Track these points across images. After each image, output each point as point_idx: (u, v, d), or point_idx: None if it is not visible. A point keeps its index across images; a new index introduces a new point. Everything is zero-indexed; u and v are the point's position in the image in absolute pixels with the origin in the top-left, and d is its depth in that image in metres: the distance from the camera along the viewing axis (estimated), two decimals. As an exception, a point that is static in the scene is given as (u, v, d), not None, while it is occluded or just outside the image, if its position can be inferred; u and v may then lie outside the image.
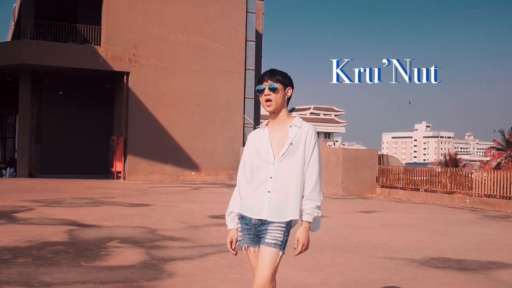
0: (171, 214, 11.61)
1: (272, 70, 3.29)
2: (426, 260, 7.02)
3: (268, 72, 3.27)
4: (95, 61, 23.27)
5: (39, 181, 21.04)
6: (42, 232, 8.45)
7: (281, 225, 3.13)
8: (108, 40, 23.60)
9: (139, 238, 8.17)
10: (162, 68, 24.49)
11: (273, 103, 3.21)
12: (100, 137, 26.06)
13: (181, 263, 6.44)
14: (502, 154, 46.67)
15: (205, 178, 24.99)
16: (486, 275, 6.31)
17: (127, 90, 23.85)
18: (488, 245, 8.58)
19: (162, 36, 24.46)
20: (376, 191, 18.94)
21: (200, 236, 8.57)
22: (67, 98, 26.74)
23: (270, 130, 3.27)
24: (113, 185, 20.54)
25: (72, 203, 13.21)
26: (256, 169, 3.24)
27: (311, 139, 3.20)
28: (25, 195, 14.69)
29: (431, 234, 9.60)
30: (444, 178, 17.10)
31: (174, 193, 17.64)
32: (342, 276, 6.01)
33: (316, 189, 3.18)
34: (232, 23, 25.83)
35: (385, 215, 12.87)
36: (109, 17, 23.75)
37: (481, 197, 15.41)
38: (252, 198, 3.21)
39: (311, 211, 3.15)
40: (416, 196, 17.52)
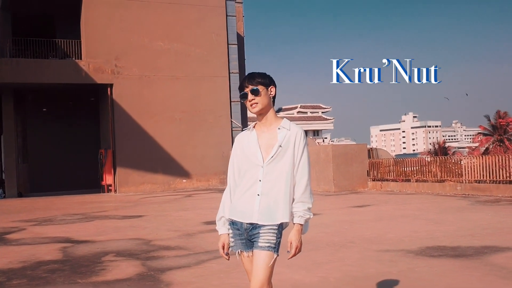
0: (165, 223, 11.56)
1: (250, 74, 3.27)
2: (422, 250, 7.05)
3: (247, 77, 3.25)
4: (77, 75, 23.14)
5: (29, 201, 20.86)
6: (36, 251, 8.36)
7: (273, 228, 3.11)
8: (89, 53, 23.49)
9: (134, 250, 8.12)
10: (146, 78, 24.42)
11: (258, 104, 3.19)
12: (88, 151, 25.94)
13: (178, 272, 6.41)
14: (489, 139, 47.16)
15: (196, 184, 24.93)
16: (482, 260, 6.35)
17: (111, 102, 23.74)
18: (481, 230, 8.64)
19: (143, 45, 24.39)
20: (368, 185, 19.01)
21: (195, 243, 8.53)
22: (52, 114, 26.59)
23: (258, 132, 3.25)
24: (104, 199, 20.42)
25: (64, 220, 13.11)
26: (244, 172, 3.22)
27: (300, 141, 3.19)
28: (16, 216, 14.55)
29: (424, 224, 9.65)
30: (434, 167, 17.22)
31: (167, 202, 17.57)
32: (340, 272, 6.01)
33: (307, 191, 3.17)
34: (213, 28, 25.82)
35: (378, 208, 12.92)
36: (89, 30, 23.63)
37: (471, 183, 15.53)
38: (241, 201, 3.19)
39: (303, 214, 3.14)
40: (407, 187, 17.61)
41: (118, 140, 23.73)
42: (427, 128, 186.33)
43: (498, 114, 47.14)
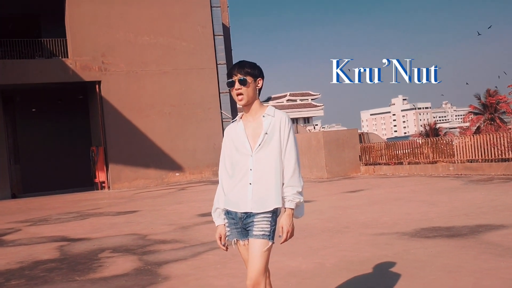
0: (160, 217, 11.57)
1: (240, 62, 3.26)
2: (416, 232, 7.10)
3: (237, 65, 3.24)
4: (64, 73, 23.01)
5: (23, 201, 20.78)
6: (32, 251, 8.36)
7: (266, 216, 3.13)
8: (76, 51, 23.34)
9: (130, 245, 8.13)
10: (133, 73, 24.31)
11: (244, 97, 3.20)
12: (80, 149, 25.87)
13: (175, 265, 6.42)
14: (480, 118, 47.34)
15: (189, 177, 24.93)
16: (476, 238, 6.40)
17: (100, 99, 23.64)
18: (475, 209, 8.70)
19: (129, 41, 24.26)
20: (361, 169, 19.08)
21: (191, 236, 8.55)
22: (41, 114, 26.46)
23: (244, 122, 3.27)
24: (98, 196, 20.39)
25: (59, 219, 13.09)
26: (235, 162, 3.24)
27: (285, 126, 3.20)
28: (11, 217, 14.51)
29: (418, 206, 9.71)
30: (426, 148, 17.30)
31: (160, 196, 17.57)
32: (336, 257, 6.05)
33: (296, 175, 3.18)
34: (198, 20, 25.71)
35: (372, 192, 12.98)
36: (74, 28, 23.46)
37: (463, 163, 15.62)
38: (235, 192, 3.21)
39: (293, 198, 3.16)
40: (400, 170, 17.69)
41: (109, 137, 23.65)
42: (418, 110, 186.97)
43: (488, 92, 47.32)
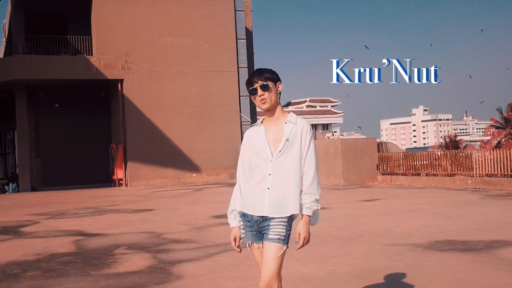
0: (175, 217, 11.66)
1: (259, 69, 3.32)
2: (431, 244, 7.07)
3: (255, 73, 3.30)
4: (88, 71, 23.31)
5: (42, 195, 21.08)
6: (49, 244, 8.50)
7: (282, 220, 3.18)
8: (100, 49, 23.63)
9: (145, 243, 8.22)
10: (155, 73, 24.53)
11: (267, 101, 3.25)
12: (100, 146, 26.12)
13: (188, 265, 6.49)
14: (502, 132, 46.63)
15: (206, 179, 25.04)
16: (491, 254, 6.36)
17: (122, 97, 23.89)
18: (491, 224, 8.63)
19: (153, 41, 24.49)
20: (378, 179, 19.00)
21: (205, 236, 8.62)
22: (64, 109, 26.80)
23: (266, 127, 3.31)
24: (115, 193, 20.59)
25: (76, 213, 13.26)
26: (254, 167, 3.29)
27: (307, 134, 3.26)
28: (30, 209, 14.73)
29: (434, 218, 9.66)
30: (445, 161, 17.15)
31: (177, 196, 17.69)
32: (348, 265, 6.06)
33: (314, 182, 3.24)
34: (222, 23, 25.85)
35: (388, 202, 12.92)
36: (99, 27, 23.77)
37: (482, 177, 15.45)
38: (252, 195, 3.26)
39: (311, 205, 3.21)
40: (417, 181, 17.57)
41: (129, 135, 23.88)
42: (438, 122, 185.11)
43: (510, 106, 46.65)
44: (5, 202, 18.40)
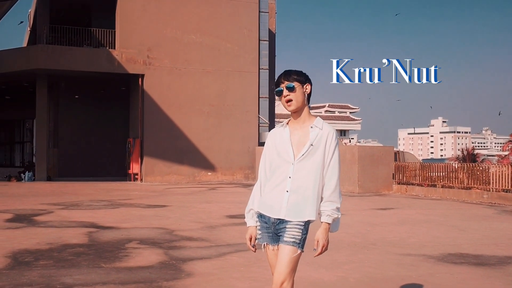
0: (188, 214, 11.70)
1: (287, 71, 3.32)
2: (444, 256, 7.01)
3: (283, 74, 3.30)
4: (110, 64, 23.48)
5: (57, 185, 21.29)
6: (62, 234, 8.58)
7: (299, 224, 3.17)
8: (123, 43, 23.80)
9: (157, 239, 8.26)
10: (177, 70, 24.63)
11: (293, 102, 3.24)
12: (117, 140, 26.30)
13: (199, 263, 6.51)
14: (520, 148, 46.07)
15: (221, 178, 25.08)
16: (504, 270, 6.29)
17: (142, 92, 24.02)
18: (506, 240, 8.54)
19: (175, 38, 24.59)
20: (393, 188, 18.87)
21: (217, 236, 8.63)
22: (83, 101, 27.02)
23: (291, 129, 3.30)
24: (130, 187, 20.72)
25: (90, 205, 13.37)
26: (275, 167, 3.28)
27: (332, 142, 3.23)
28: (44, 199, 14.89)
29: (448, 230, 9.57)
30: (461, 173, 16.98)
31: (191, 194, 17.74)
32: (359, 273, 6.03)
33: (336, 191, 3.23)
34: (245, 23, 25.88)
35: (402, 211, 12.84)
36: (123, 20, 23.93)
37: (498, 192, 15.28)
38: (270, 196, 3.25)
39: (331, 213, 3.19)
40: (433, 192, 17.42)
41: (147, 130, 24.00)
42: (456, 134, 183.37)
43: (531, 123, 46.10)
44: (20, 190, 18.60)
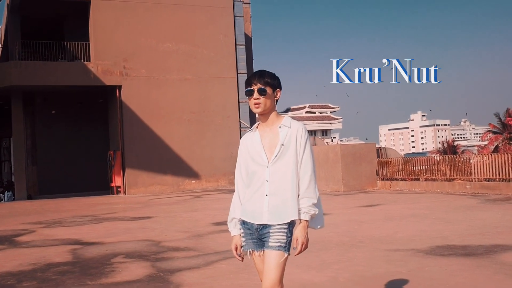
0: (174, 224, 11.58)
1: (261, 71, 3.26)
2: (432, 249, 7.02)
3: (257, 74, 3.23)
4: (86, 77, 23.25)
5: (38, 203, 20.97)
6: (45, 253, 8.41)
7: (282, 227, 3.12)
8: (98, 55, 23.59)
9: (143, 251, 8.14)
10: (154, 79, 24.48)
11: (261, 105, 3.19)
12: (97, 153, 26.03)
13: (188, 273, 6.42)
14: (499, 137, 46.70)
15: (205, 185, 24.96)
16: (492, 258, 6.31)
17: (120, 104, 23.83)
18: (491, 228, 8.59)
19: (151, 47, 24.46)
20: (377, 184, 18.96)
21: (204, 244, 8.54)
22: (61, 116, 26.71)
23: (261, 133, 3.25)
24: (113, 200, 20.50)
25: (73, 222, 13.17)
26: (252, 173, 3.23)
27: (302, 137, 3.19)
28: (26, 218, 14.63)
29: (434, 223, 9.61)
30: (444, 166, 17.13)
31: (176, 203, 17.61)
32: (349, 272, 6.00)
33: (311, 186, 3.16)
34: (221, 29, 25.85)
35: (388, 207, 12.88)
36: (97, 32, 23.74)
37: (481, 182, 15.44)
38: (251, 203, 3.20)
39: (308, 209, 3.14)
40: (417, 186, 17.54)
41: (127, 142, 23.81)
42: (436, 127, 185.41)
43: (508, 112, 46.72)
44: (0, 210, 18.28)
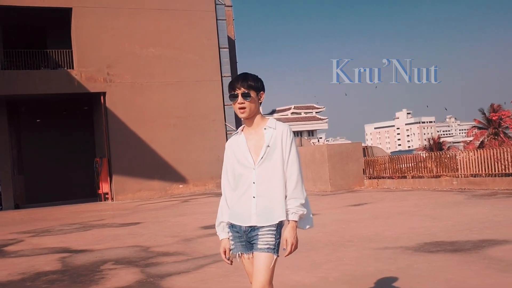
0: (163, 229, 11.55)
1: (244, 75, 3.25)
2: (420, 246, 7.07)
3: (240, 78, 3.23)
4: (69, 84, 23.11)
5: (26, 212, 20.79)
6: (34, 262, 8.35)
7: (271, 229, 3.13)
8: (81, 62, 23.46)
9: (133, 257, 8.11)
10: (138, 85, 24.40)
11: (247, 110, 3.20)
12: (84, 160, 25.89)
13: (178, 278, 6.40)
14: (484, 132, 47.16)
15: (193, 189, 24.91)
16: (480, 253, 6.37)
17: (105, 110, 23.72)
18: (478, 224, 8.66)
19: (134, 53, 24.38)
20: (364, 183, 19.04)
21: (194, 248, 8.53)
22: (46, 124, 26.54)
23: (246, 135, 3.26)
24: (101, 207, 20.39)
25: (62, 230, 13.07)
26: (238, 176, 3.23)
27: (287, 138, 3.20)
28: (14, 227, 14.50)
29: (422, 220, 9.67)
30: (430, 162, 17.25)
31: (164, 208, 17.55)
32: (339, 271, 6.02)
33: (298, 187, 3.18)
34: (204, 32, 25.84)
35: (375, 206, 12.94)
36: (79, 39, 23.61)
37: (467, 178, 15.56)
38: (238, 205, 3.21)
39: (296, 210, 3.15)
40: (404, 183, 17.64)
41: (113, 148, 23.69)
42: (422, 124, 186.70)
43: (492, 107, 47.21)
44: (-12, 220, 18.09)
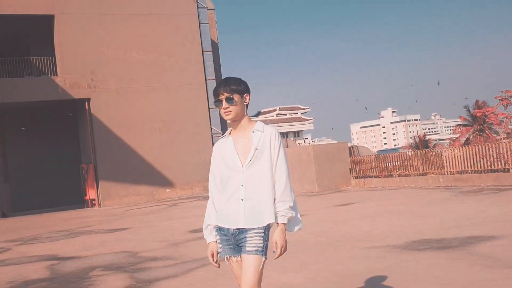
0: (151, 234, 11.50)
1: (226, 80, 3.26)
2: (408, 244, 7.11)
3: (222, 83, 3.24)
4: (53, 91, 22.96)
5: (13, 220, 20.59)
6: (22, 271, 8.27)
7: (259, 231, 3.14)
8: (64, 69, 23.31)
9: (121, 263, 8.07)
10: (123, 90, 24.30)
11: (232, 113, 3.21)
12: (70, 167, 25.73)
13: (167, 282, 6.38)
14: (470, 129, 47.49)
15: (180, 193, 24.84)
16: (467, 250, 6.41)
17: (90, 116, 23.58)
18: (465, 220, 8.72)
19: (118, 58, 24.27)
20: (351, 182, 19.11)
21: (182, 252, 8.51)
22: (31, 132, 26.34)
23: (234, 138, 3.27)
24: (88, 214, 20.25)
25: (49, 237, 12.97)
26: (226, 179, 3.24)
27: (275, 141, 3.22)
28: (0, 236, 14.35)
29: (409, 218, 9.73)
30: (416, 160, 17.35)
31: (151, 213, 17.48)
32: (327, 272, 6.04)
33: (287, 190, 3.19)
34: (187, 36, 25.80)
35: (363, 205, 12.98)
36: (62, 46, 23.46)
37: (453, 175, 15.67)
38: (226, 208, 3.21)
39: (285, 213, 3.17)
40: (390, 182, 17.73)
41: (99, 154, 23.56)
42: (407, 122, 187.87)
43: (477, 104, 47.56)
44: (-26, 230, 17.88)
